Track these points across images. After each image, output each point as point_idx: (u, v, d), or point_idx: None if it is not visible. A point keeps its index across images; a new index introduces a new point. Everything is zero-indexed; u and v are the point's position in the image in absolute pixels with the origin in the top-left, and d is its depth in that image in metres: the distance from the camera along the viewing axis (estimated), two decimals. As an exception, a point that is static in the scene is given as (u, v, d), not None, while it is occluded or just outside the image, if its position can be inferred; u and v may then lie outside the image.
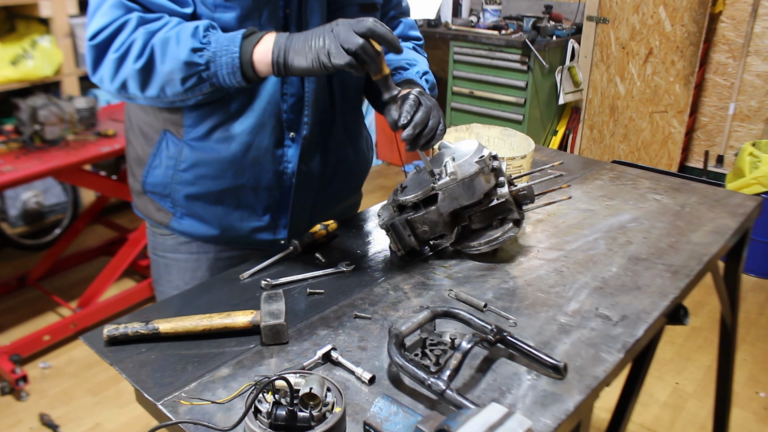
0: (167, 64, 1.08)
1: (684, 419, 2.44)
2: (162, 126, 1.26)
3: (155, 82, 1.10)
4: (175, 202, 1.30)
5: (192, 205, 1.30)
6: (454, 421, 0.74)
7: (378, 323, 1.08)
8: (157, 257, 1.41)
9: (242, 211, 1.31)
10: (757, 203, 1.58)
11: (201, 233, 1.32)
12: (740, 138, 4.04)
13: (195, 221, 1.31)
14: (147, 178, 1.31)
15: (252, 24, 1.16)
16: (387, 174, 4.86)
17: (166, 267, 1.40)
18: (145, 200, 1.35)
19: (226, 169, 1.25)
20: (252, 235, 1.33)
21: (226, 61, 1.07)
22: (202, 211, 1.30)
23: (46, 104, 2.55)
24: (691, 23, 3.81)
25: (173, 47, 1.07)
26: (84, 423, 2.39)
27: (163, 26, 1.10)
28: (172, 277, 1.39)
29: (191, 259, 1.36)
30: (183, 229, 1.33)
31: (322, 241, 1.33)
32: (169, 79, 1.09)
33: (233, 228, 1.32)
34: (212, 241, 1.34)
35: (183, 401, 0.89)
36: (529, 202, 1.25)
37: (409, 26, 1.51)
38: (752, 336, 2.95)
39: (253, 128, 1.23)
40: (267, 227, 1.34)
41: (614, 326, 1.07)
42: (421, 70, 1.36)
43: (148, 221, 1.39)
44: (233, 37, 1.07)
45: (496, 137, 1.72)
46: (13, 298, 3.16)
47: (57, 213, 3.66)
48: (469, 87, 4.33)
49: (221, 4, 1.14)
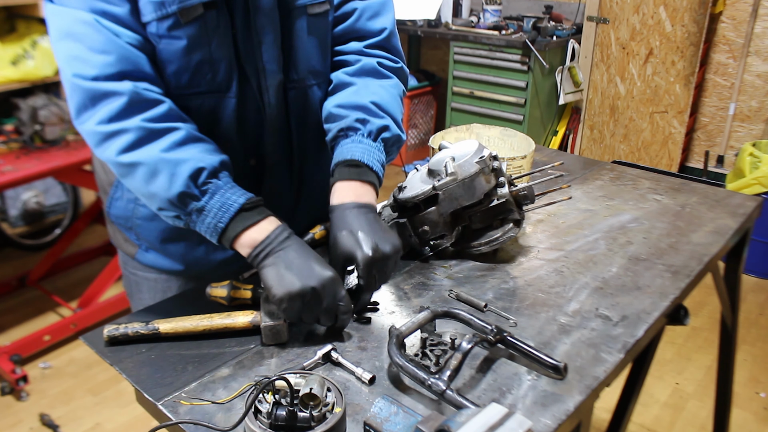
0: (151, 187, 1.00)
1: (684, 419, 2.44)
2: None
3: (133, 185, 1.03)
4: (139, 236, 1.24)
5: (154, 240, 1.23)
6: (454, 421, 0.74)
7: (378, 323, 1.07)
8: (127, 273, 1.34)
9: (207, 245, 1.23)
10: (758, 203, 1.58)
11: (166, 267, 1.26)
12: (740, 138, 4.04)
13: (159, 255, 1.25)
14: (110, 209, 1.25)
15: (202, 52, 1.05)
16: (387, 174, 4.85)
17: (137, 284, 1.33)
18: (114, 228, 1.30)
19: None
20: (220, 268, 1.24)
21: (208, 223, 1.00)
22: (164, 247, 1.23)
23: (47, 104, 2.55)
24: (692, 23, 3.81)
25: (165, 177, 0.98)
26: (84, 423, 2.39)
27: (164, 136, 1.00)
28: (143, 295, 1.32)
29: (161, 279, 1.29)
30: (148, 262, 1.26)
31: (323, 242, 1.33)
32: (149, 197, 1.02)
33: (199, 262, 1.24)
34: (180, 275, 1.27)
35: (183, 401, 0.89)
36: (529, 203, 1.25)
37: (369, 15, 1.24)
38: (752, 336, 2.95)
39: None
40: (234, 258, 1.15)
41: (614, 326, 1.07)
42: (374, 129, 1.17)
43: (119, 251, 1.32)
44: (229, 206, 1.00)
45: (497, 137, 1.72)
46: (13, 298, 3.16)
47: (57, 213, 3.66)
48: (469, 87, 4.33)
49: (165, 35, 1.03)
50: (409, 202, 1.22)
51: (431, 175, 1.24)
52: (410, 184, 1.26)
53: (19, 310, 3.07)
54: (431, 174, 1.24)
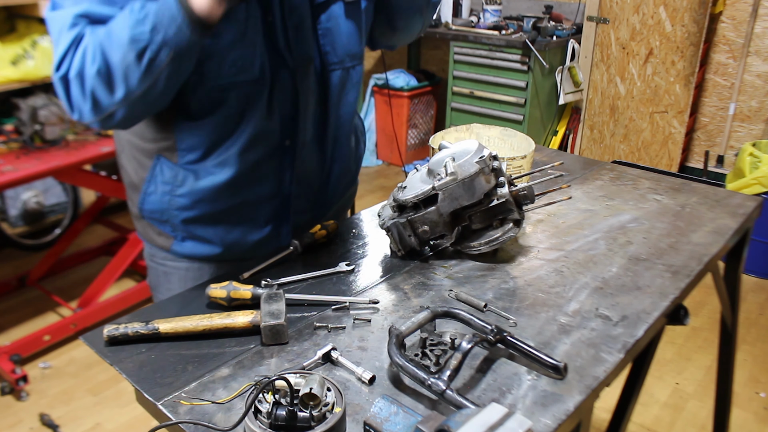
0: (117, 51, 0.99)
1: (684, 419, 2.44)
2: (155, 151, 1.23)
3: (117, 77, 1.01)
4: (175, 227, 1.28)
5: (192, 228, 1.27)
6: (454, 421, 0.74)
7: (378, 323, 1.07)
8: (155, 264, 1.37)
9: (243, 227, 1.29)
10: (758, 203, 1.58)
11: (204, 253, 1.30)
12: (740, 138, 4.04)
13: (197, 243, 1.29)
14: (143, 204, 1.28)
15: (237, 44, 1.11)
16: (387, 174, 4.86)
17: (165, 275, 1.36)
18: (144, 224, 1.32)
19: (224, 190, 1.23)
20: (255, 249, 1.31)
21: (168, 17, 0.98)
22: (203, 232, 1.28)
23: (47, 104, 2.55)
24: (692, 23, 3.81)
25: (117, 33, 0.99)
26: (84, 423, 2.39)
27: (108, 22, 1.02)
28: (172, 285, 1.35)
29: (193, 268, 1.33)
30: (185, 252, 1.30)
31: (322, 242, 1.33)
32: (126, 66, 1.00)
33: (236, 244, 1.30)
34: (216, 259, 1.32)
35: (183, 401, 0.89)
36: (529, 203, 1.25)
37: None
38: (752, 336, 2.95)
39: (246, 144, 1.20)
40: (270, 237, 1.32)
41: (614, 326, 1.07)
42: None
43: (149, 245, 1.35)
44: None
45: (497, 137, 1.72)
46: (13, 298, 3.16)
47: (57, 213, 3.66)
48: (469, 87, 4.33)
49: None
50: (409, 202, 1.22)
51: (431, 175, 1.24)
52: (410, 184, 1.26)
53: (19, 310, 3.07)
54: (431, 174, 1.24)
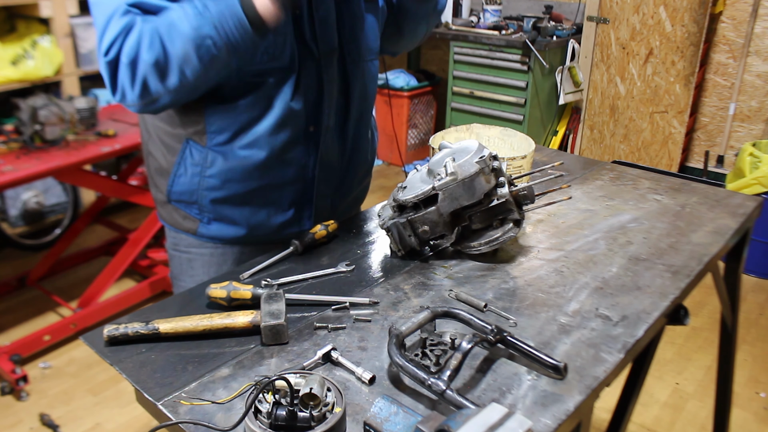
0: (177, 43, 1.06)
1: (684, 419, 2.44)
2: (184, 135, 1.28)
3: (173, 67, 1.07)
4: (202, 208, 1.33)
5: (219, 208, 1.32)
6: (454, 421, 0.74)
7: (378, 323, 1.08)
8: (179, 253, 1.42)
9: (268, 209, 1.35)
10: (758, 203, 1.58)
11: (229, 235, 1.35)
12: (740, 138, 4.04)
13: (223, 224, 1.34)
14: (172, 187, 1.33)
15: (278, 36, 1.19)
16: (387, 174, 4.86)
17: (189, 262, 1.41)
18: (170, 209, 1.37)
19: (252, 170, 1.28)
20: (279, 231, 1.37)
21: (231, 14, 1.06)
22: (230, 213, 1.33)
23: (47, 104, 2.55)
24: (692, 23, 3.81)
25: (178, 25, 1.05)
26: (84, 423, 2.39)
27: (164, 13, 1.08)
28: (195, 272, 1.40)
29: (217, 253, 1.38)
30: (211, 234, 1.35)
31: (323, 242, 1.33)
32: (184, 57, 1.07)
33: (261, 226, 1.35)
34: (240, 242, 1.37)
35: (183, 401, 0.89)
36: (529, 203, 1.25)
37: None
38: (752, 336, 2.95)
39: (274, 127, 1.25)
40: (292, 221, 1.38)
41: (614, 326, 1.07)
42: None
43: (173, 233, 1.40)
44: None
45: (497, 137, 1.72)
46: (13, 298, 3.16)
47: (57, 213, 3.66)
48: (469, 87, 4.33)
49: None
50: (409, 202, 1.22)
51: (431, 175, 1.24)
52: (410, 184, 1.26)
53: (19, 310, 3.07)
54: (431, 174, 1.24)
